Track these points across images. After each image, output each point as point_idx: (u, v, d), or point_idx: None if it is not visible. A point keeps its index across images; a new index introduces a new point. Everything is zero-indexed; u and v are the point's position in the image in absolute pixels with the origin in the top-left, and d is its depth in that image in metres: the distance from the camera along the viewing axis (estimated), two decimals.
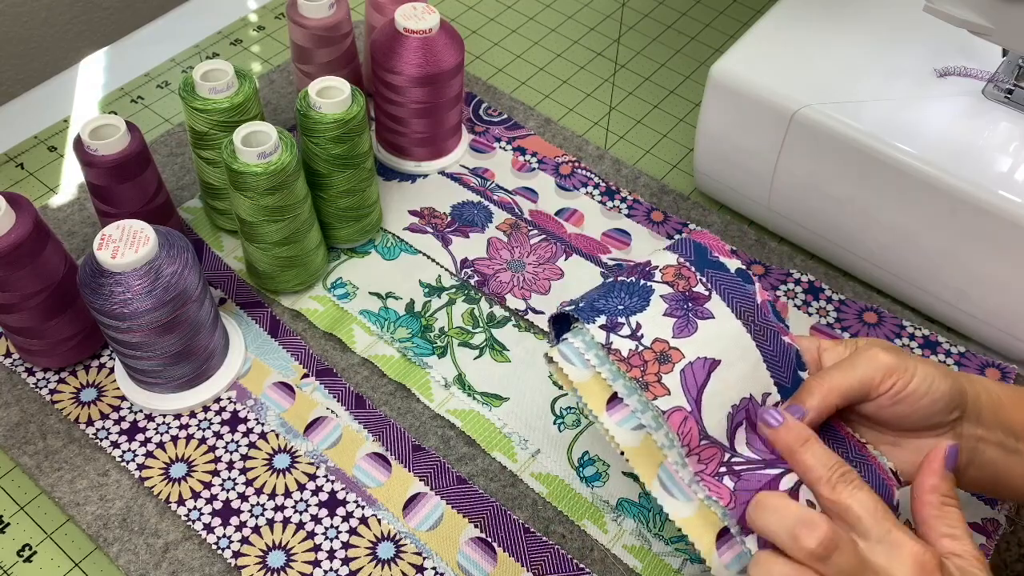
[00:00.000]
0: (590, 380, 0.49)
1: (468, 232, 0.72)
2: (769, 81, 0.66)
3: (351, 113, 0.63)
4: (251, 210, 0.61)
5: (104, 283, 0.54)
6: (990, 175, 0.60)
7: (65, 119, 0.82)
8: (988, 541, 0.56)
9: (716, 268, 0.52)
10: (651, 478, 0.48)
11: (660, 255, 0.53)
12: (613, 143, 0.81)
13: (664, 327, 0.49)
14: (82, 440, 0.60)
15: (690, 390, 0.48)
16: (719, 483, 0.47)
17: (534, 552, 0.56)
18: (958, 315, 0.66)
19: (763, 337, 0.50)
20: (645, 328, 0.49)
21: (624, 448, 0.48)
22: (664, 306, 0.50)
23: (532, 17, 0.92)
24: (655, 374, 0.48)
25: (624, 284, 0.51)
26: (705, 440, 0.47)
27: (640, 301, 0.50)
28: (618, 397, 0.48)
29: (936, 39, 0.68)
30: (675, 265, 0.52)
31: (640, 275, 0.52)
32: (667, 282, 0.51)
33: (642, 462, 0.48)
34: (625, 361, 0.48)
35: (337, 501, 0.58)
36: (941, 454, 0.45)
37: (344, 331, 0.66)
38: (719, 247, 0.53)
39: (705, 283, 0.51)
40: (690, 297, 0.50)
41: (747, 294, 0.51)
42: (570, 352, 0.50)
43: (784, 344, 0.50)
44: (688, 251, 0.52)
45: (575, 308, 0.51)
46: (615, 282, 0.52)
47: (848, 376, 0.48)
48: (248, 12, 0.91)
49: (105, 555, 0.57)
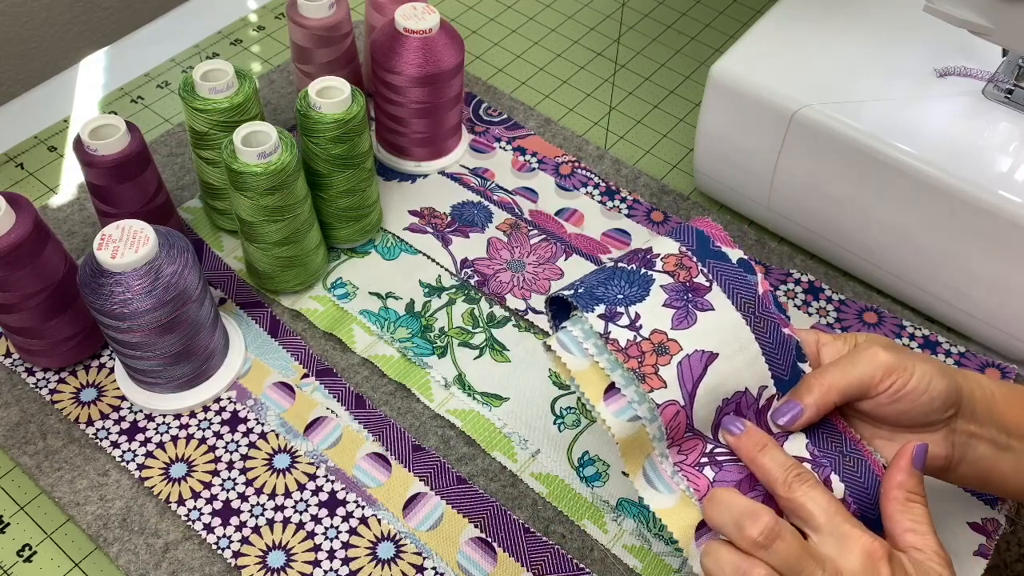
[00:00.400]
0: (588, 369, 0.49)
1: (468, 232, 0.72)
2: (769, 81, 0.66)
3: (351, 113, 0.63)
4: (251, 210, 0.61)
5: (104, 283, 0.54)
6: (990, 175, 0.60)
7: (65, 119, 0.82)
8: (988, 541, 0.56)
9: (718, 258, 0.51)
10: (637, 470, 0.49)
11: (661, 242, 0.52)
12: (613, 143, 0.81)
13: (663, 318, 0.49)
14: (82, 440, 0.60)
15: (686, 384, 0.48)
16: (699, 474, 0.47)
17: (534, 552, 0.56)
18: (958, 315, 0.66)
19: (763, 329, 0.50)
20: (644, 318, 0.49)
21: (619, 439, 0.48)
22: (664, 296, 0.50)
23: (532, 17, 0.92)
24: (652, 366, 0.48)
25: (624, 272, 0.51)
26: (689, 432, 0.48)
27: (640, 291, 0.50)
28: (615, 387, 0.48)
29: (936, 39, 0.68)
30: (676, 254, 0.51)
31: (641, 263, 0.51)
32: (668, 272, 0.50)
33: (632, 454, 0.49)
34: (623, 351, 0.48)
35: (337, 501, 0.58)
36: (909, 452, 0.46)
37: (344, 331, 0.66)
38: (721, 236, 0.53)
39: (706, 274, 0.51)
40: (691, 288, 0.50)
41: (749, 285, 0.51)
42: (569, 341, 0.50)
43: (784, 336, 0.50)
44: (690, 239, 0.52)
45: (574, 294, 0.50)
46: (615, 269, 0.51)
47: (847, 374, 0.48)
48: (248, 12, 0.91)
49: (105, 555, 0.57)
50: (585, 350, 0.49)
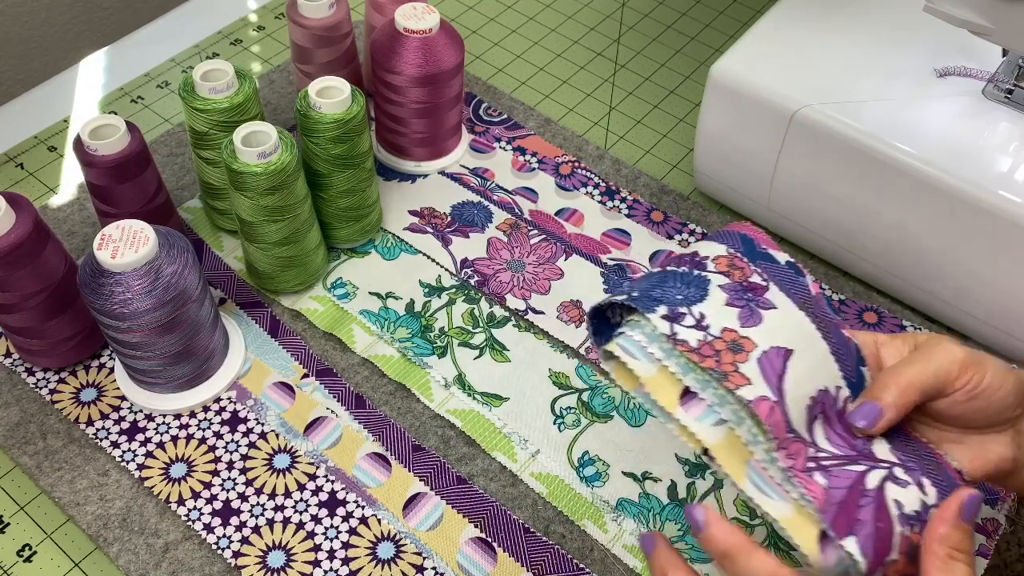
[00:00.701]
0: (657, 375, 0.45)
1: (468, 232, 0.72)
2: (769, 81, 0.66)
3: (351, 113, 0.63)
4: (251, 210, 0.61)
5: (104, 283, 0.54)
6: (990, 175, 0.60)
7: (65, 119, 0.82)
8: (988, 541, 0.56)
9: (767, 260, 0.49)
10: (741, 477, 0.44)
11: (706, 245, 0.50)
12: (613, 143, 0.81)
13: (729, 316, 0.46)
14: (82, 440, 0.60)
15: (771, 379, 0.44)
16: (811, 479, 0.43)
17: (534, 552, 0.56)
18: (958, 315, 0.66)
19: (825, 329, 0.47)
20: (710, 318, 0.45)
21: (708, 445, 0.44)
22: (724, 296, 0.46)
23: (532, 17, 0.92)
24: (731, 363, 0.44)
25: (677, 274, 0.48)
26: (790, 433, 0.44)
27: (698, 291, 0.47)
28: (690, 392, 0.45)
29: (936, 39, 0.68)
30: (726, 255, 0.48)
31: (691, 265, 0.48)
32: (722, 272, 0.47)
33: (730, 460, 0.44)
34: (696, 352, 0.44)
35: (337, 501, 0.58)
36: (958, 501, 0.42)
37: (344, 331, 0.66)
38: (765, 239, 0.50)
39: (760, 274, 0.48)
40: (748, 287, 0.47)
41: (802, 285, 0.48)
42: (631, 346, 0.46)
43: (844, 337, 0.48)
44: (735, 242, 0.49)
45: (629, 298, 0.47)
46: (665, 272, 0.48)
47: (924, 370, 0.45)
48: (248, 12, 0.91)
49: (105, 555, 0.57)
50: (651, 355, 0.45)
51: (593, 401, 0.63)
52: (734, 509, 0.58)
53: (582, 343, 0.66)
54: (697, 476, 0.59)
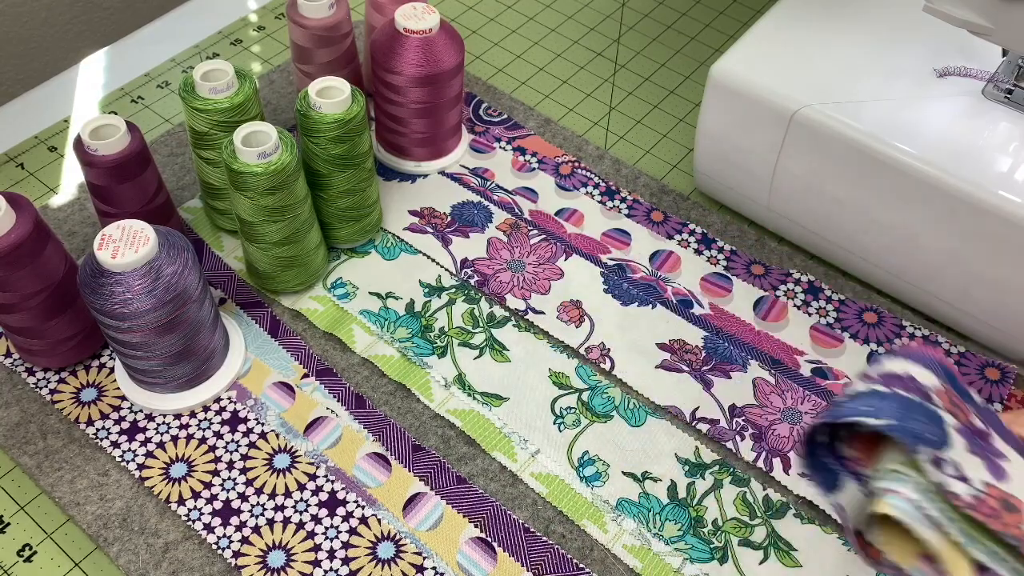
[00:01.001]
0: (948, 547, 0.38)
1: (468, 232, 0.72)
2: (769, 81, 0.66)
3: (351, 113, 0.63)
4: (251, 210, 0.61)
5: (104, 283, 0.54)
6: (990, 175, 0.60)
7: (65, 119, 0.82)
8: None
9: (966, 396, 0.43)
10: None
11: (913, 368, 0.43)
12: (613, 143, 0.81)
13: (978, 468, 0.39)
14: (82, 440, 0.60)
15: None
16: None
17: (534, 552, 0.56)
18: (958, 315, 0.66)
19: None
20: (966, 468, 0.39)
21: None
22: (963, 441, 0.40)
23: (532, 17, 0.92)
24: (1018, 527, 0.37)
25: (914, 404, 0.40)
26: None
27: (940, 431, 0.39)
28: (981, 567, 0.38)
29: (936, 39, 0.68)
30: (943, 389, 0.42)
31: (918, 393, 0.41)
32: (948, 410, 0.41)
33: None
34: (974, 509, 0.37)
35: (337, 501, 0.58)
36: None
37: (344, 331, 0.66)
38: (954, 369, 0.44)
39: (976, 414, 0.42)
40: (974, 432, 0.41)
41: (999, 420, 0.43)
42: (908, 508, 0.39)
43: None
44: (938, 371, 0.43)
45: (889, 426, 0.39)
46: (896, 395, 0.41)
47: None
48: (248, 12, 0.91)
49: (105, 555, 0.57)
50: (927, 516, 0.38)
51: (593, 401, 0.63)
52: (734, 509, 0.58)
53: (582, 343, 0.66)
54: (697, 476, 0.60)
